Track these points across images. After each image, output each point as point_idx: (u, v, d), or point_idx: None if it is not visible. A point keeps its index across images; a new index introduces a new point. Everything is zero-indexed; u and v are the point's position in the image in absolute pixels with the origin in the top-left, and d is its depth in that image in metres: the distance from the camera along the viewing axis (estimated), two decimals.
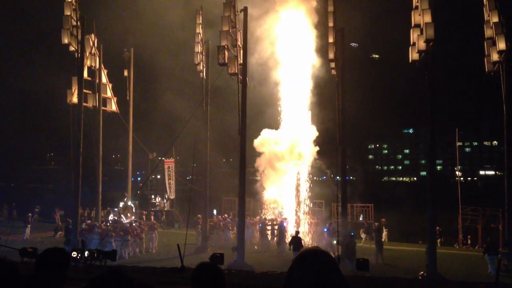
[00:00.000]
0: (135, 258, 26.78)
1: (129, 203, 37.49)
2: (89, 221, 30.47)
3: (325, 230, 30.11)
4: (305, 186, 35.10)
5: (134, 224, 30.94)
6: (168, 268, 17.08)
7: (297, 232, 27.65)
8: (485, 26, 25.22)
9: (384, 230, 32.39)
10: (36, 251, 17.84)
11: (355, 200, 36.21)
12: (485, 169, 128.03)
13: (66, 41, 27.72)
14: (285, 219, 32.83)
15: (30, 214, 33.87)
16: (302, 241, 27.13)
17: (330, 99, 31.66)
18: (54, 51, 36.54)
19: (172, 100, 42.10)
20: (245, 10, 25.75)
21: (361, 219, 33.39)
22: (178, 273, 15.15)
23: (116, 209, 36.10)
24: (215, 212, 36.34)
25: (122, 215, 34.56)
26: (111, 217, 34.46)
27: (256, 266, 22.50)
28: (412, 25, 23.30)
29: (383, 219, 32.45)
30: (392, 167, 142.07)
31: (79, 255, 17.80)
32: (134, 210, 37.24)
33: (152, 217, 35.36)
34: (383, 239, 31.75)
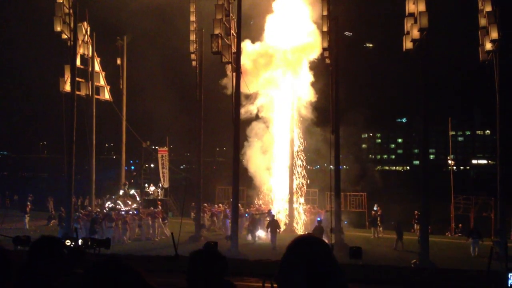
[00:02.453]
0: (127, 246, 26.78)
1: (132, 191, 37.49)
2: (82, 211, 30.51)
3: (319, 219, 30.11)
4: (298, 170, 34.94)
5: (131, 212, 30.95)
6: (163, 257, 17.13)
7: (273, 216, 28.31)
8: (479, 15, 25.22)
9: (379, 218, 32.74)
10: (30, 239, 17.83)
11: (348, 189, 36.33)
12: (477, 158, 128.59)
13: (58, 29, 27.55)
14: (269, 210, 32.52)
15: (28, 204, 33.77)
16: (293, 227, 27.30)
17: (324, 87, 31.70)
18: (46, 38, 36.28)
19: (165, 88, 41.93)
20: None
21: (375, 208, 33.07)
22: (173, 261, 15.20)
23: (113, 197, 36.11)
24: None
25: (119, 202, 34.53)
26: (108, 204, 34.46)
27: (250, 254, 22.59)
28: (406, 14, 23.27)
29: (379, 208, 32.88)
30: (385, 156, 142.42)
31: (73, 243, 17.81)
32: (138, 199, 37.20)
33: (160, 206, 35.14)
34: (379, 227, 32.13)
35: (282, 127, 34.81)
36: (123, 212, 30.92)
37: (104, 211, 31.34)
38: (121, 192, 36.98)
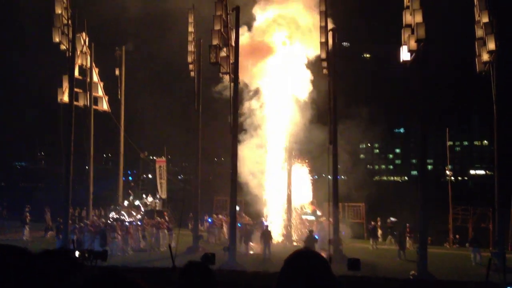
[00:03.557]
0: (124, 257, 26.65)
1: (136, 202, 37.52)
2: (87, 222, 30.56)
3: (317, 237, 29.65)
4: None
5: (134, 223, 31.00)
6: (160, 268, 17.08)
7: (267, 226, 28.40)
8: (476, 26, 25.35)
9: (379, 230, 32.77)
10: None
11: (346, 199, 36.25)
12: (475, 169, 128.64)
13: (57, 39, 27.63)
14: (261, 220, 32.37)
15: (27, 214, 33.61)
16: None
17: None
18: (45, 49, 36.34)
19: (164, 98, 41.90)
20: (237, 9, 25.73)
21: (392, 219, 32.85)
22: (170, 273, 15.13)
23: (117, 208, 36.11)
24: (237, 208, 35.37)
25: (124, 213, 34.53)
26: (111, 215, 34.47)
27: (247, 266, 22.51)
28: (403, 25, 23.36)
29: (378, 218, 32.94)
30: (383, 166, 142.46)
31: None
32: (142, 209, 37.22)
33: (167, 217, 34.93)
34: (379, 239, 32.13)
35: (277, 130, 34.57)
36: (126, 223, 30.90)
37: (109, 221, 31.31)
38: (126, 203, 37.01)
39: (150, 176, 47.22)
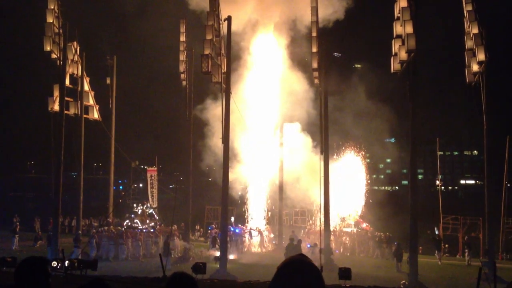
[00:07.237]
0: (115, 266, 26.46)
1: (150, 210, 37.54)
2: (104, 228, 30.90)
3: (309, 246, 29.67)
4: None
5: (145, 230, 31.21)
6: (150, 278, 16.99)
7: (299, 240, 28.46)
8: (465, 37, 25.58)
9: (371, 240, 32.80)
10: (16, 260, 17.62)
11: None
12: (465, 178, 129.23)
13: (48, 48, 27.58)
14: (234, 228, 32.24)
15: (17, 224, 33.29)
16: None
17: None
18: (35, 58, 36.24)
19: (155, 108, 41.84)
20: (229, 19, 25.79)
21: (436, 232, 32.73)
22: (160, 282, 15.06)
23: (132, 216, 36.19)
24: (232, 219, 35.12)
25: (137, 221, 34.59)
26: (126, 222, 34.52)
27: (238, 275, 22.43)
28: (394, 35, 23.53)
29: (371, 228, 33.04)
30: (374, 176, 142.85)
31: (59, 264, 17.64)
32: (156, 217, 37.29)
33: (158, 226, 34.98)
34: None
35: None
36: (138, 230, 31.20)
37: (123, 229, 31.37)
38: (140, 211, 37.07)
39: (141, 185, 47.03)
